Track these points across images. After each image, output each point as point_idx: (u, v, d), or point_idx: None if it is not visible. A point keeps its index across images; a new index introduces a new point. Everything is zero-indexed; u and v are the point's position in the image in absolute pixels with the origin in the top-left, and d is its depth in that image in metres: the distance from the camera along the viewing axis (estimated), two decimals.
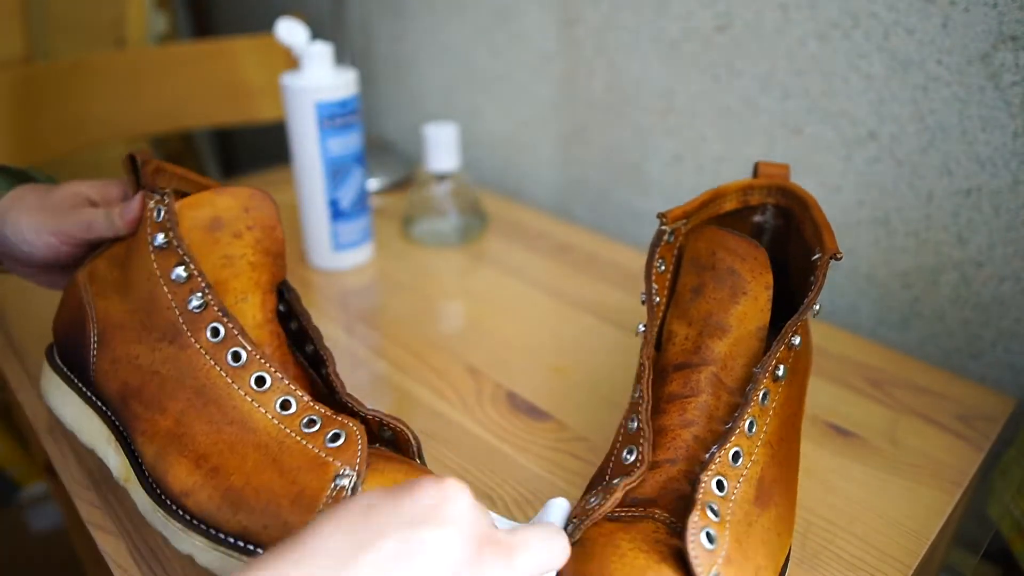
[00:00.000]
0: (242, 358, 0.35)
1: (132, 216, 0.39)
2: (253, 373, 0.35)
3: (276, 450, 0.34)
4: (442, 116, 0.93)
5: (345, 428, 0.34)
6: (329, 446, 0.34)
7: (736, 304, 0.37)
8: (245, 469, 0.33)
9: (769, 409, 0.34)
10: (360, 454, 0.33)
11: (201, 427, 0.34)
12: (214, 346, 0.35)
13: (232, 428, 0.34)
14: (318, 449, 0.33)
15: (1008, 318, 0.52)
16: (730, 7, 0.60)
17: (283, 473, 0.33)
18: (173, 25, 1.31)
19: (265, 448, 0.34)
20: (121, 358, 0.37)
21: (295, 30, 0.60)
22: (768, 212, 0.44)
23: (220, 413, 0.35)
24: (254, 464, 0.33)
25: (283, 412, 0.35)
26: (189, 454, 0.34)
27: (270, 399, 0.35)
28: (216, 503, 0.33)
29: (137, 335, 0.37)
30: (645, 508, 0.32)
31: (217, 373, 0.35)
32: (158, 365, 0.36)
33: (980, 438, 0.46)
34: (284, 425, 0.34)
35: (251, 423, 0.34)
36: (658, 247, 0.40)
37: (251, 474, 0.33)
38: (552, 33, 0.75)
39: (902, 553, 0.38)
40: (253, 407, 0.35)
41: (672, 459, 0.33)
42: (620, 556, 0.29)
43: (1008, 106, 0.48)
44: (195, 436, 0.34)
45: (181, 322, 0.36)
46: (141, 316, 0.37)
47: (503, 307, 0.60)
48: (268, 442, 0.34)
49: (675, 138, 0.68)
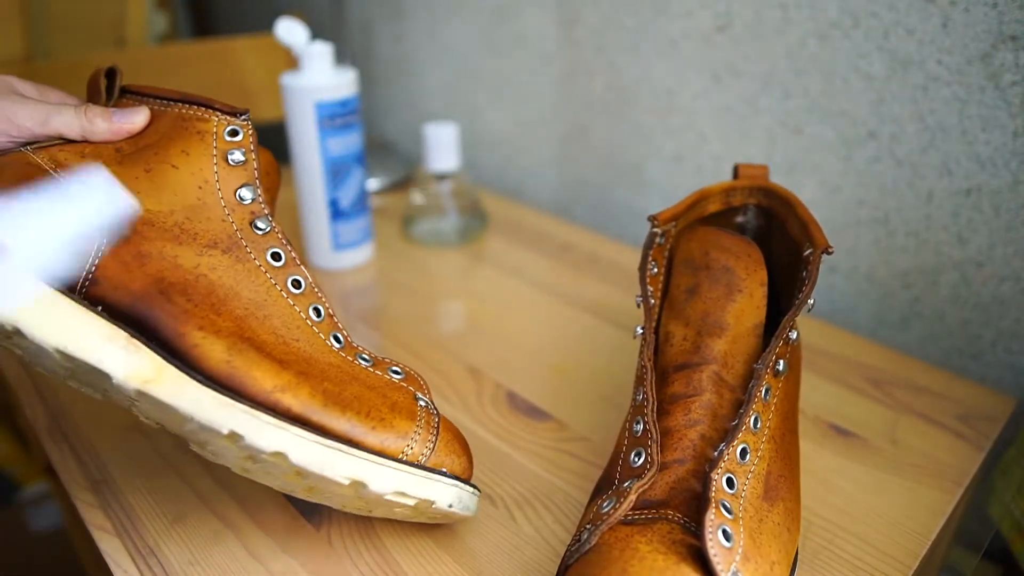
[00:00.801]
0: (301, 286, 0.37)
1: (131, 127, 0.36)
2: (311, 304, 0.37)
3: (351, 371, 0.36)
4: (442, 116, 0.93)
5: (399, 367, 0.38)
6: (394, 378, 0.37)
7: (732, 302, 0.37)
8: (332, 378, 0.34)
9: (771, 404, 0.35)
10: (426, 387, 0.38)
11: (267, 337, 0.34)
12: (275, 269, 0.36)
13: (300, 345, 0.35)
14: (388, 377, 0.37)
15: (1008, 318, 0.52)
16: (730, 7, 0.60)
17: (370, 387, 0.35)
18: (173, 25, 1.31)
19: (339, 368, 0.35)
20: (152, 254, 0.35)
21: (295, 30, 0.60)
22: (750, 213, 0.45)
23: (285, 328, 0.35)
24: (337, 377, 0.35)
25: (336, 345, 0.36)
26: (267, 357, 0.33)
27: (326, 330, 0.36)
28: (321, 400, 0.33)
29: (175, 236, 0.36)
30: (658, 510, 0.32)
31: (278, 292, 0.36)
32: (205, 269, 0.35)
33: (980, 438, 0.46)
34: (345, 355, 0.36)
35: (317, 345, 0.36)
36: (651, 249, 0.40)
37: (341, 384, 0.34)
38: (552, 33, 0.75)
39: (902, 553, 0.38)
40: (314, 332, 0.36)
41: (680, 459, 0.33)
42: (640, 559, 0.29)
43: (1008, 106, 0.48)
44: (264, 343, 0.34)
45: (240, 237, 0.36)
46: (179, 219, 0.36)
47: (503, 307, 0.60)
48: (340, 363, 0.36)
49: (675, 138, 0.68)
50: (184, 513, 0.40)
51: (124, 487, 0.42)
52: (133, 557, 0.37)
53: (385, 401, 0.35)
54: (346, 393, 0.34)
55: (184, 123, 0.37)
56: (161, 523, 0.39)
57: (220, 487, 0.42)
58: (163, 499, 0.41)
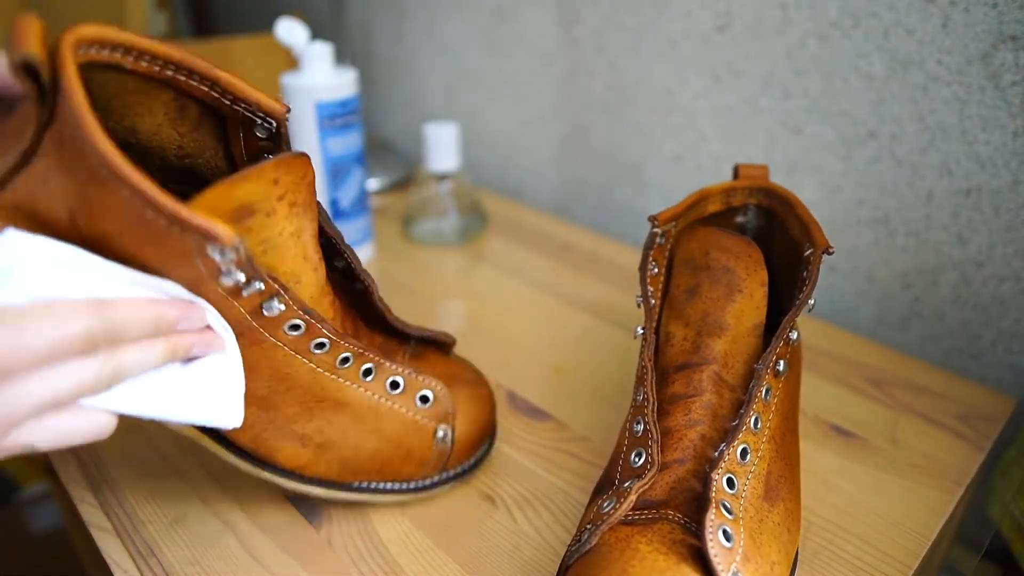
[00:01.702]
0: (325, 346, 0.36)
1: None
2: (338, 356, 0.36)
3: (373, 419, 0.37)
4: (442, 116, 0.93)
5: (430, 388, 0.39)
6: (420, 407, 0.38)
7: (732, 302, 0.37)
8: (350, 442, 0.37)
9: (772, 405, 0.35)
10: (450, 412, 0.39)
11: (291, 409, 0.36)
12: (296, 339, 0.35)
13: (324, 405, 0.36)
14: (411, 412, 0.38)
15: (1008, 318, 0.52)
16: (730, 7, 0.60)
17: (387, 440, 0.38)
18: (173, 25, 1.31)
19: (362, 420, 0.37)
20: None
21: (295, 30, 0.60)
22: (750, 213, 0.45)
23: (309, 394, 0.36)
24: (356, 436, 0.37)
25: (366, 380, 0.37)
26: (289, 435, 0.36)
27: (355, 372, 0.37)
28: (336, 471, 0.38)
29: None
30: (658, 510, 0.32)
31: (300, 361, 0.35)
32: None
33: (980, 438, 0.46)
34: (372, 392, 0.37)
35: (342, 399, 0.36)
36: (651, 249, 0.40)
37: (358, 445, 0.38)
38: (552, 33, 0.75)
39: (902, 553, 0.38)
40: (341, 383, 0.36)
41: (681, 459, 0.33)
42: (640, 559, 0.29)
43: (1008, 106, 0.48)
44: (288, 416, 0.36)
45: (251, 322, 0.33)
46: None
47: (503, 307, 0.60)
48: (364, 413, 0.37)
49: (675, 138, 0.68)
50: (184, 513, 0.40)
51: (124, 487, 0.42)
52: (133, 557, 0.37)
53: (399, 452, 0.39)
54: (361, 455, 0.38)
55: (160, 236, 0.28)
56: (161, 523, 0.39)
57: (220, 487, 0.42)
58: (163, 499, 0.41)
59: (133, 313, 0.27)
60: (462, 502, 0.41)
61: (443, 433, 0.40)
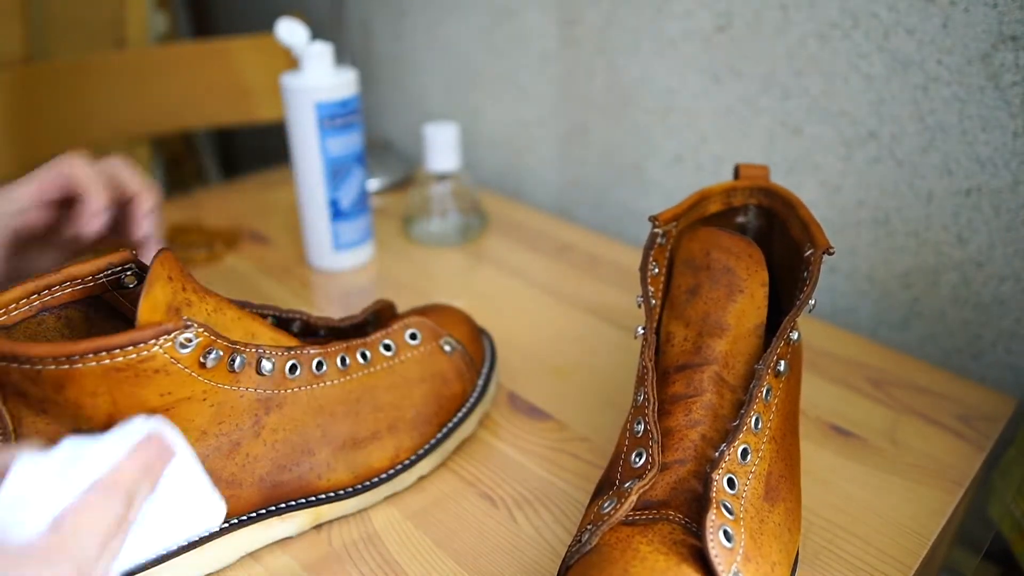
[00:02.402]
0: (323, 366, 0.39)
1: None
2: (338, 357, 0.40)
3: (400, 376, 0.42)
4: (442, 116, 0.93)
5: (411, 326, 0.43)
6: (414, 343, 0.43)
7: (733, 302, 0.37)
8: (405, 404, 0.41)
9: (772, 405, 0.35)
10: (440, 331, 0.44)
11: (344, 425, 0.39)
12: (298, 379, 0.38)
13: (364, 399, 0.40)
14: (414, 351, 0.43)
15: (1008, 318, 0.52)
16: (730, 7, 0.60)
17: (423, 380, 0.43)
18: (173, 25, 1.31)
19: (394, 385, 0.41)
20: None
21: (295, 30, 0.60)
22: (751, 213, 0.45)
23: (348, 401, 0.40)
24: (404, 397, 0.41)
25: (366, 360, 0.41)
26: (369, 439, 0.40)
27: (356, 362, 0.40)
28: (419, 433, 0.42)
29: None
30: (659, 510, 0.32)
31: (321, 389, 0.39)
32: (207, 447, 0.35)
33: (981, 438, 0.46)
34: (379, 364, 0.41)
35: (370, 384, 0.40)
36: (652, 250, 0.40)
37: (413, 402, 0.42)
38: (552, 33, 0.75)
39: (903, 553, 0.38)
40: (361, 376, 0.40)
41: (681, 460, 0.33)
42: (641, 560, 0.29)
43: (1008, 106, 0.48)
44: (352, 428, 0.39)
45: (266, 391, 0.36)
46: None
47: (503, 307, 0.60)
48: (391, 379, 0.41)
49: (675, 138, 0.68)
50: None
51: None
52: None
53: (437, 381, 0.43)
54: (422, 406, 0.42)
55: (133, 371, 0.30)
56: None
57: None
58: None
59: (135, 476, 0.27)
60: (462, 502, 0.41)
61: (450, 347, 0.44)
